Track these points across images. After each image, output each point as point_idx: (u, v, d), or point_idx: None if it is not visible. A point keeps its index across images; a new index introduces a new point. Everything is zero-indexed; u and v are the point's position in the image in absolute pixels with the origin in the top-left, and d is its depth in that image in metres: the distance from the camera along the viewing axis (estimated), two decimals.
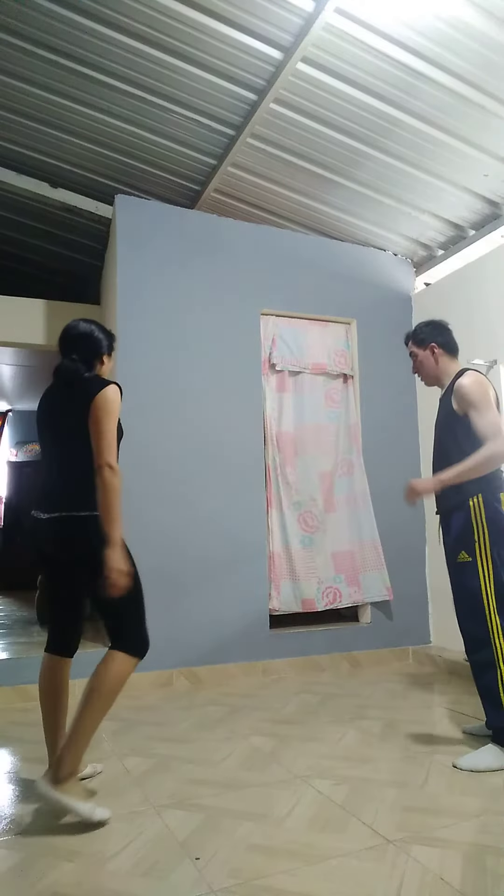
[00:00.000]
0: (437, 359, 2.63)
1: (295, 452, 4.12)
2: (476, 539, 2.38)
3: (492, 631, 2.34)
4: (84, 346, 2.22)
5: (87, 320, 2.30)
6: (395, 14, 2.67)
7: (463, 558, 2.42)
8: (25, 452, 8.65)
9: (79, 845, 1.79)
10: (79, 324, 2.27)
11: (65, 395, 2.17)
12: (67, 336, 2.25)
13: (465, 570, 2.42)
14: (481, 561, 2.37)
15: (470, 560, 2.39)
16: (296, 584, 3.95)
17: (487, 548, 2.37)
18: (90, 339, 2.24)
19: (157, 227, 3.94)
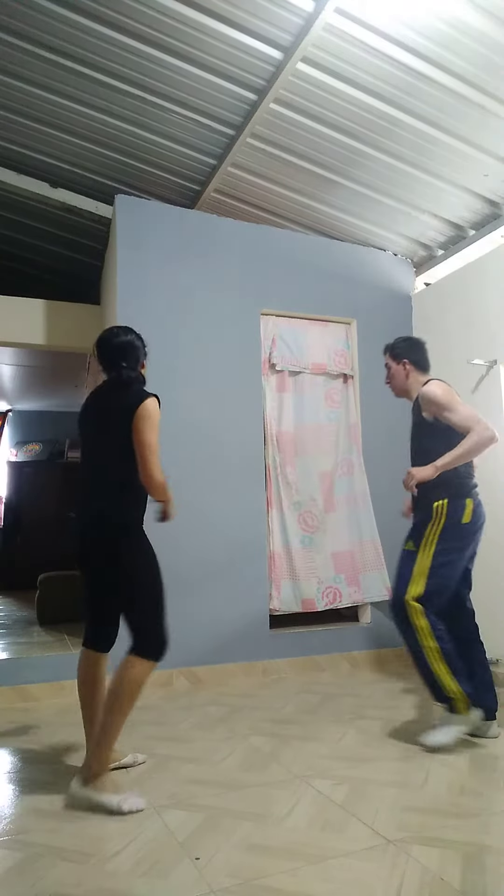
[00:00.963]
0: (408, 374, 2.86)
1: (295, 452, 4.12)
2: (426, 535, 2.64)
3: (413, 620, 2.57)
4: (132, 356, 2.33)
5: (123, 329, 2.38)
6: (395, 14, 2.67)
7: (409, 547, 2.68)
8: (25, 452, 8.65)
9: (79, 845, 1.79)
10: (120, 333, 2.35)
11: (111, 400, 2.26)
12: (112, 346, 2.32)
13: (406, 557, 2.67)
14: (422, 555, 2.62)
15: (413, 550, 2.65)
16: (296, 584, 3.95)
17: (432, 548, 2.62)
18: (133, 348, 2.34)
19: (157, 227, 3.94)
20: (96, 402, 2.35)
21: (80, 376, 7.00)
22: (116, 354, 2.31)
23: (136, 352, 2.36)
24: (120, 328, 2.39)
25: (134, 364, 2.33)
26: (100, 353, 2.34)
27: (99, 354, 2.34)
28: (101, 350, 2.34)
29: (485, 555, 3.82)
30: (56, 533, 7.92)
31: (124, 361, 2.30)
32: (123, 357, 2.31)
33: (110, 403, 2.27)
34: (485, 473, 3.86)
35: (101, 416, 2.29)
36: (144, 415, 2.15)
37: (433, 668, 2.52)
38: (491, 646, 3.75)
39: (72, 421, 8.94)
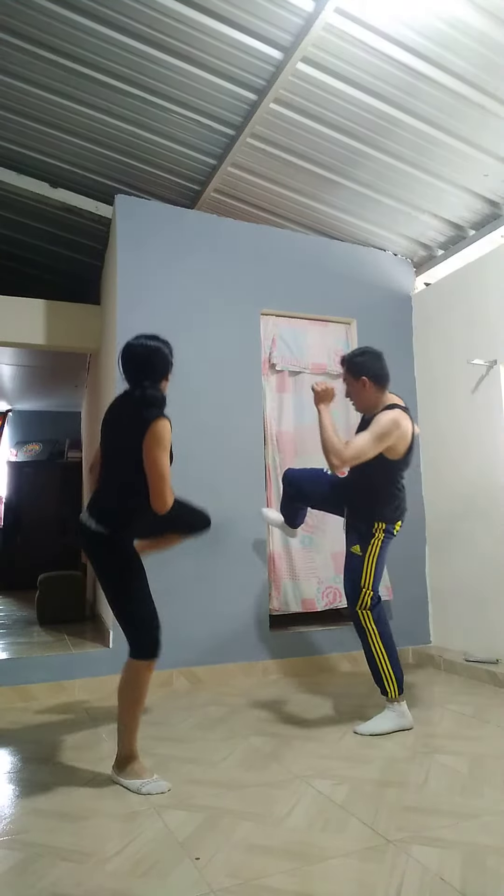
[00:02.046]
0: (368, 391, 2.85)
1: (295, 452, 4.12)
2: (371, 545, 2.83)
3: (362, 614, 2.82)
4: (157, 370, 2.27)
5: (151, 336, 2.30)
6: (395, 14, 2.67)
7: (356, 550, 2.84)
8: (25, 452, 8.65)
9: (79, 845, 1.79)
10: (146, 344, 2.27)
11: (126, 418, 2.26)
12: (137, 357, 2.26)
13: (353, 558, 2.85)
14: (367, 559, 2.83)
15: (360, 556, 2.83)
16: (296, 584, 3.95)
17: (375, 553, 2.83)
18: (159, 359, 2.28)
19: (157, 227, 3.94)
20: (113, 416, 2.37)
21: (80, 376, 7.01)
22: (140, 368, 2.25)
23: (162, 364, 2.29)
24: (147, 336, 2.30)
25: (158, 379, 2.27)
26: (123, 364, 2.28)
27: (122, 364, 2.28)
28: (124, 360, 2.28)
29: (485, 556, 3.82)
30: (56, 533, 7.95)
31: (147, 378, 2.24)
32: (146, 371, 2.25)
33: (125, 420, 2.26)
34: (483, 476, 3.87)
35: (117, 431, 2.31)
36: (154, 437, 2.13)
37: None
38: (491, 646, 3.76)
39: (72, 421, 8.97)
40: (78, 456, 8.09)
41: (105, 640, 3.69)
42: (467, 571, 3.95)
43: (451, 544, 4.09)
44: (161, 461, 2.13)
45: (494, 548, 3.76)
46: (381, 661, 2.79)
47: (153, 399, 2.22)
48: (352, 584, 2.84)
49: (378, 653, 2.79)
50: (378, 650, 2.79)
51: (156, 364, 2.27)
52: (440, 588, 4.20)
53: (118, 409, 2.35)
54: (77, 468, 7.89)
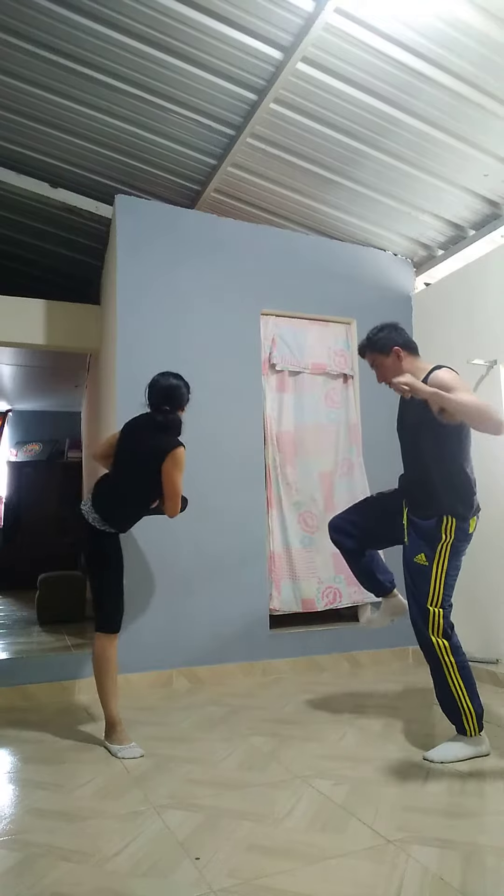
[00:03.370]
0: (405, 361, 2.55)
1: (295, 452, 4.12)
2: (439, 550, 2.46)
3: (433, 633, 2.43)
4: (176, 400, 2.76)
5: (174, 374, 2.80)
6: (395, 14, 2.67)
7: (420, 560, 2.48)
8: (25, 452, 8.65)
9: (79, 845, 1.79)
10: (170, 380, 2.77)
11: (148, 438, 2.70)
12: (162, 391, 2.74)
13: (418, 571, 2.49)
14: (436, 569, 2.46)
15: (427, 565, 2.46)
16: (296, 584, 3.95)
17: (445, 561, 2.46)
18: (179, 394, 2.77)
19: (157, 227, 3.94)
20: (136, 431, 2.78)
21: (80, 376, 7.01)
22: (162, 397, 2.73)
23: (181, 398, 2.78)
24: (171, 374, 2.80)
25: (175, 407, 2.75)
26: (149, 394, 2.75)
27: (148, 394, 2.76)
28: (151, 391, 2.75)
29: (484, 556, 3.82)
30: (56, 533, 7.94)
31: (168, 405, 2.71)
32: (167, 401, 2.72)
33: (147, 440, 2.70)
34: (483, 476, 3.86)
35: (139, 446, 2.72)
36: (174, 462, 2.63)
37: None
38: (491, 646, 3.76)
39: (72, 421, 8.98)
40: (78, 456, 8.09)
41: None
42: (467, 571, 3.94)
43: None
44: (178, 481, 2.66)
45: (495, 548, 3.76)
46: (459, 696, 2.41)
47: (175, 423, 2.70)
48: (418, 605, 2.44)
49: (456, 687, 2.40)
50: (456, 684, 2.40)
51: (177, 397, 2.77)
52: None
53: (142, 427, 2.76)
54: (77, 468, 7.89)
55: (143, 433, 2.74)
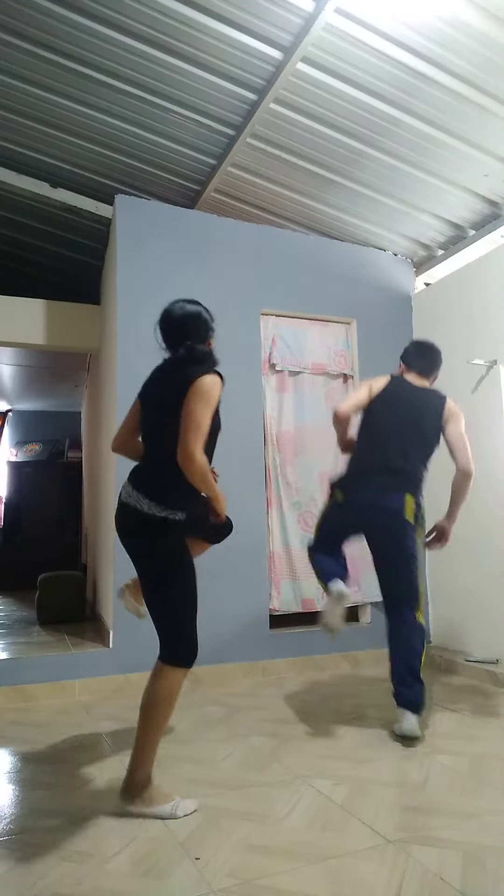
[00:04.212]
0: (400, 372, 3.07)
1: (295, 452, 4.12)
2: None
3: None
4: (199, 332, 2.11)
5: (190, 301, 2.16)
6: (395, 14, 2.67)
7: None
8: (25, 452, 8.65)
9: (79, 845, 1.79)
10: (185, 307, 2.13)
11: (177, 378, 2.03)
12: (177, 323, 2.11)
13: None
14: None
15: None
16: (296, 584, 3.95)
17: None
18: (201, 322, 2.13)
19: (157, 227, 3.93)
20: (156, 386, 2.15)
21: (80, 376, 7.01)
22: (179, 331, 2.09)
23: (204, 327, 2.13)
24: (186, 300, 2.16)
25: (200, 341, 2.10)
26: (163, 329, 2.14)
27: (162, 330, 2.14)
28: (164, 324, 2.14)
29: (485, 556, 3.82)
30: (56, 533, 7.95)
31: (188, 339, 2.06)
32: (187, 334, 2.08)
33: (168, 380, 2.08)
34: (483, 476, 3.86)
35: (161, 391, 2.10)
36: (196, 393, 1.93)
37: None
38: (491, 646, 3.76)
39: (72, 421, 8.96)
40: (78, 456, 8.09)
41: (105, 640, 3.69)
42: (467, 571, 3.95)
43: (452, 544, 4.08)
44: (198, 412, 1.92)
45: (495, 548, 3.76)
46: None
47: (202, 355, 2.04)
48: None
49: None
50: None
51: (198, 326, 2.11)
52: (440, 588, 4.20)
53: (161, 377, 2.14)
54: (77, 468, 7.89)
55: (163, 377, 2.14)
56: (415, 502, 2.74)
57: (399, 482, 2.74)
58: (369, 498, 2.74)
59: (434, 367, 3.00)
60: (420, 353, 3.01)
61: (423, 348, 3.04)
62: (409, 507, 2.71)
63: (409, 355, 3.03)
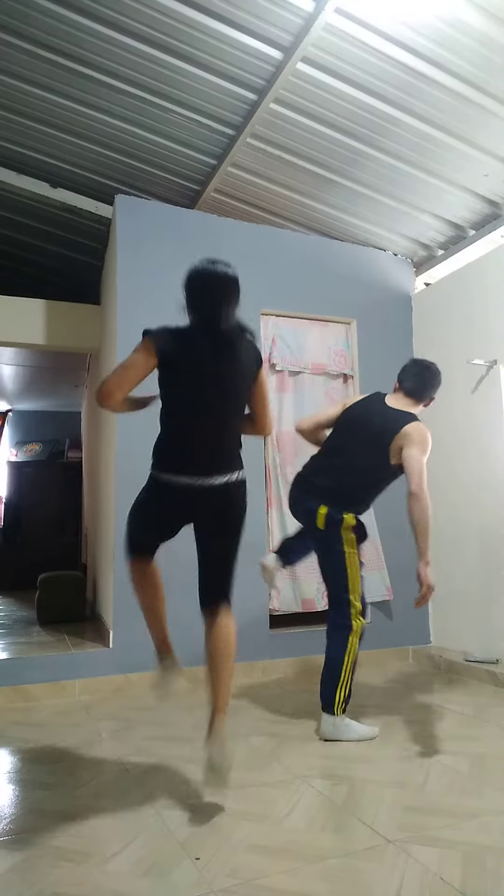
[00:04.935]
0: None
1: (295, 452, 4.12)
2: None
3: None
4: (236, 300, 2.02)
5: (227, 264, 2.05)
6: (395, 14, 2.67)
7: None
8: (25, 452, 8.65)
9: (79, 845, 1.79)
10: (226, 268, 2.02)
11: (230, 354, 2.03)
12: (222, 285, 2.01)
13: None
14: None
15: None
16: (296, 584, 3.95)
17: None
18: (238, 288, 2.02)
19: (156, 227, 3.93)
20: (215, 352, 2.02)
21: (80, 376, 7.01)
22: (227, 297, 1.99)
23: (238, 294, 2.04)
24: (219, 260, 2.05)
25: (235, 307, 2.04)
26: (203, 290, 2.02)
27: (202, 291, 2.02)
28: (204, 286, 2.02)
29: (485, 556, 3.82)
30: (56, 533, 7.94)
31: (230, 306, 2.00)
32: (231, 302, 2.00)
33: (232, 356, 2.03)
34: (483, 476, 3.86)
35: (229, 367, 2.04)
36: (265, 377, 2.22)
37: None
38: (491, 646, 3.76)
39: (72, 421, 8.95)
40: (78, 456, 8.09)
41: (105, 640, 3.69)
42: (467, 571, 3.95)
43: (451, 544, 4.09)
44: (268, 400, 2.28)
45: (495, 547, 3.76)
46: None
47: (234, 329, 2.03)
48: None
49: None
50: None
51: (238, 293, 2.03)
52: (440, 588, 4.18)
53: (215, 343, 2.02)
54: (77, 468, 7.89)
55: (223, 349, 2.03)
56: (330, 515, 2.70)
57: (316, 493, 2.78)
58: (295, 497, 2.93)
59: (423, 389, 2.87)
60: (413, 372, 2.91)
61: (418, 368, 2.93)
62: (320, 516, 2.71)
63: (402, 373, 2.94)
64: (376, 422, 2.78)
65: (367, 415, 2.85)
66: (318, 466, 2.90)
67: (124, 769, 2.36)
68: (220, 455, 2.09)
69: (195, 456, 2.08)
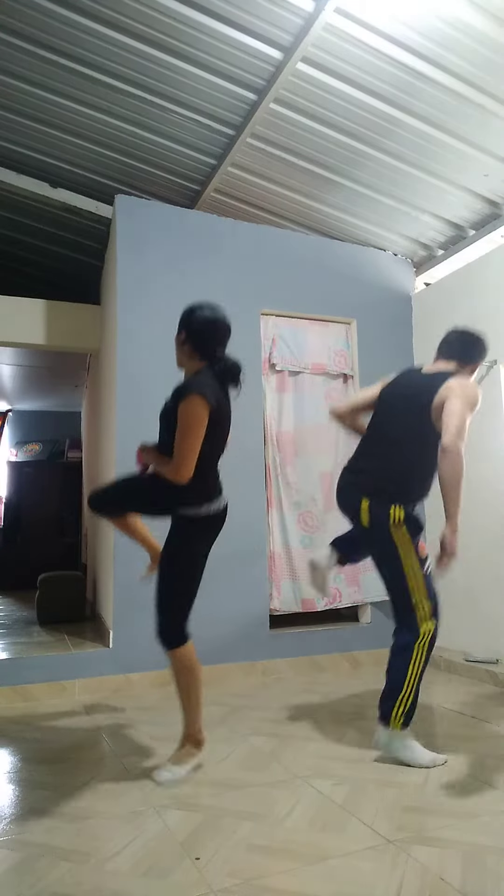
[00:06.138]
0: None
1: (295, 452, 4.12)
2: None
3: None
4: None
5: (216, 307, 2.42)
6: (395, 14, 2.67)
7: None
8: (25, 452, 8.65)
9: (79, 845, 1.79)
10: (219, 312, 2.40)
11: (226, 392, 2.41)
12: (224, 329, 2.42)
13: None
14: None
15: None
16: (296, 584, 3.95)
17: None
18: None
19: (157, 227, 3.94)
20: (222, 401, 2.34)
21: (80, 376, 7.01)
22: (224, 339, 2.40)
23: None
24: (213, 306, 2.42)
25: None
26: (220, 335, 2.40)
27: (219, 336, 2.39)
28: (215, 331, 2.39)
29: (485, 556, 3.82)
30: (56, 533, 7.94)
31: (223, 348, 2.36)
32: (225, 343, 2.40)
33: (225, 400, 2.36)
34: (483, 476, 3.86)
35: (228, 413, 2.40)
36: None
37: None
38: (491, 646, 3.76)
39: (72, 421, 8.93)
40: (78, 456, 8.09)
41: (105, 640, 3.69)
42: (467, 571, 3.95)
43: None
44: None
45: (495, 547, 3.76)
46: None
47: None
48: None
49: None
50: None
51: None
52: (440, 588, 4.19)
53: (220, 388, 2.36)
54: (77, 468, 7.89)
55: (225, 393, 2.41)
56: (373, 510, 2.42)
57: (359, 483, 2.50)
58: (337, 489, 2.65)
59: (465, 352, 2.60)
60: (452, 339, 2.64)
61: (457, 333, 2.65)
62: (363, 510, 2.44)
63: (441, 342, 2.67)
64: (414, 392, 2.50)
65: (405, 384, 2.59)
66: (359, 453, 2.62)
67: (124, 769, 2.36)
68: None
69: (216, 482, 2.49)
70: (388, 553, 2.42)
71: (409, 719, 2.35)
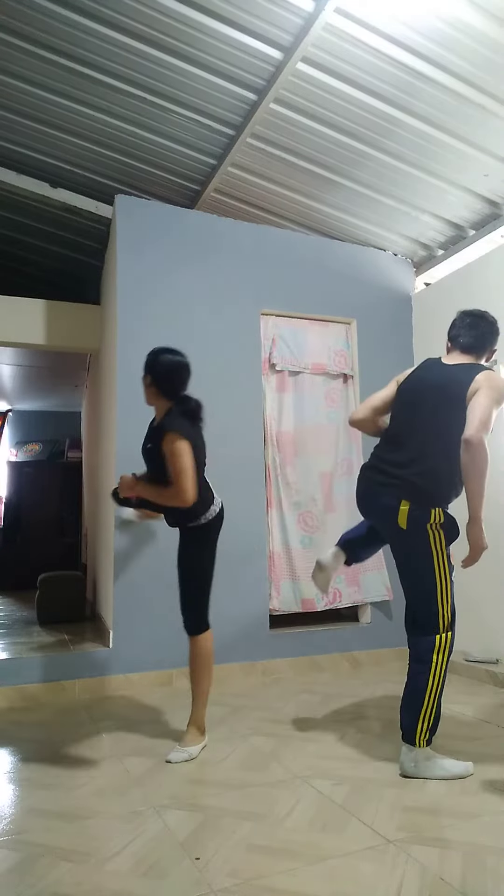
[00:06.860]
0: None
1: (295, 452, 4.12)
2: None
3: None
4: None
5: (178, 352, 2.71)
6: (395, 14, 2.67)
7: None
8: (25, 452, 8.65)
9: (79, 845, 1.79)
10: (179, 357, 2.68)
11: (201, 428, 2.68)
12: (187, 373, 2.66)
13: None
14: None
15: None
16: (296, 584, 3.95)
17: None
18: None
19: (157, 227, 3.94)
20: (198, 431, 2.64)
21: (80, 376, 7.01)
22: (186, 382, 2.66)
23: None
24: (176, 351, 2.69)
25: None
26: (183, 377, 2.64)
27: (183, 378, 2.63)
28: (185, 374, 2.64)
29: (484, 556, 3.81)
30: (56, 533, 7.94)
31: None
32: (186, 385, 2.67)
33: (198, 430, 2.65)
34: None
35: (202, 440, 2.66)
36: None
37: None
38: (491, 646, 3.76)
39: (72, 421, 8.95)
40: (78, 456, 8.10)
41: (105, 640, 3.69)
42: (467, 571, 3.94)
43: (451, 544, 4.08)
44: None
45: (494, 548, 3.75)
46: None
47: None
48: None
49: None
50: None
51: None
52: None
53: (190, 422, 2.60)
54: (77, 468, 7.89)
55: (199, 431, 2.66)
56: (413, 512, 2.32)
57: (394, 486, 2.37)
58: (363, 491, 2.56)
59: (481, 340, 2.50)
60: (465, 325, 2.53)
61: (470, 318, 2.54)
62: (402, 513, 2.32)
63: (453, 328, 2.56)
64: (442, 383, 2.38)
65: (430, 380, 2.45)
66: (385, 450, 2.49)
67: (124, 769, 2.36)
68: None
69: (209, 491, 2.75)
70: (422, 555, 2.34)
71: (433, 734, 2.32)
